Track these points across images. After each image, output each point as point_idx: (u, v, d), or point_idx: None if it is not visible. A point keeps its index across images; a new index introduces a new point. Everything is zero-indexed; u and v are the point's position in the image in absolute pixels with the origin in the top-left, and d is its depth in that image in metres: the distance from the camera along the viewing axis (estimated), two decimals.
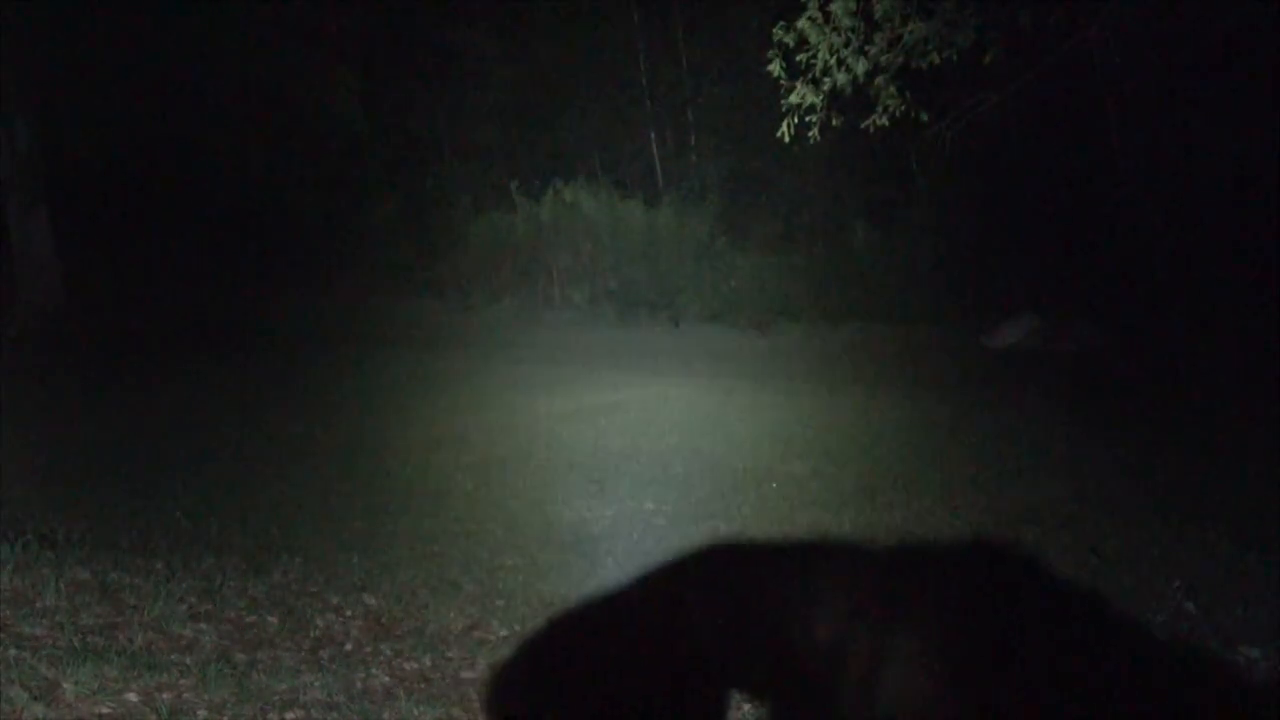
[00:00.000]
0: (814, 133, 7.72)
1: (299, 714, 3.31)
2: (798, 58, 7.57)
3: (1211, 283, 12.23)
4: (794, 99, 7.62)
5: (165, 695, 3.27)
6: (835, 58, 7.43)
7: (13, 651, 3.36)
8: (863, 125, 7.88)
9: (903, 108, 7.70)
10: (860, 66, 7.42)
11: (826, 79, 7.48)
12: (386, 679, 3.69)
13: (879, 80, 7.57)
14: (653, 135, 19.20)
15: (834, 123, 7.74)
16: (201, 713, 3.21)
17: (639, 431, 8.50)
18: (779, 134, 7.83)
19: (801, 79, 7.57)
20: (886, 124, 7.81)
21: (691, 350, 13.46)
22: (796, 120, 7.69)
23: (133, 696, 3.22)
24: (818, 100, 7.56)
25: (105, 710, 3.11)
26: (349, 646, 4.01)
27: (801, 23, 7.41)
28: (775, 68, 7.64)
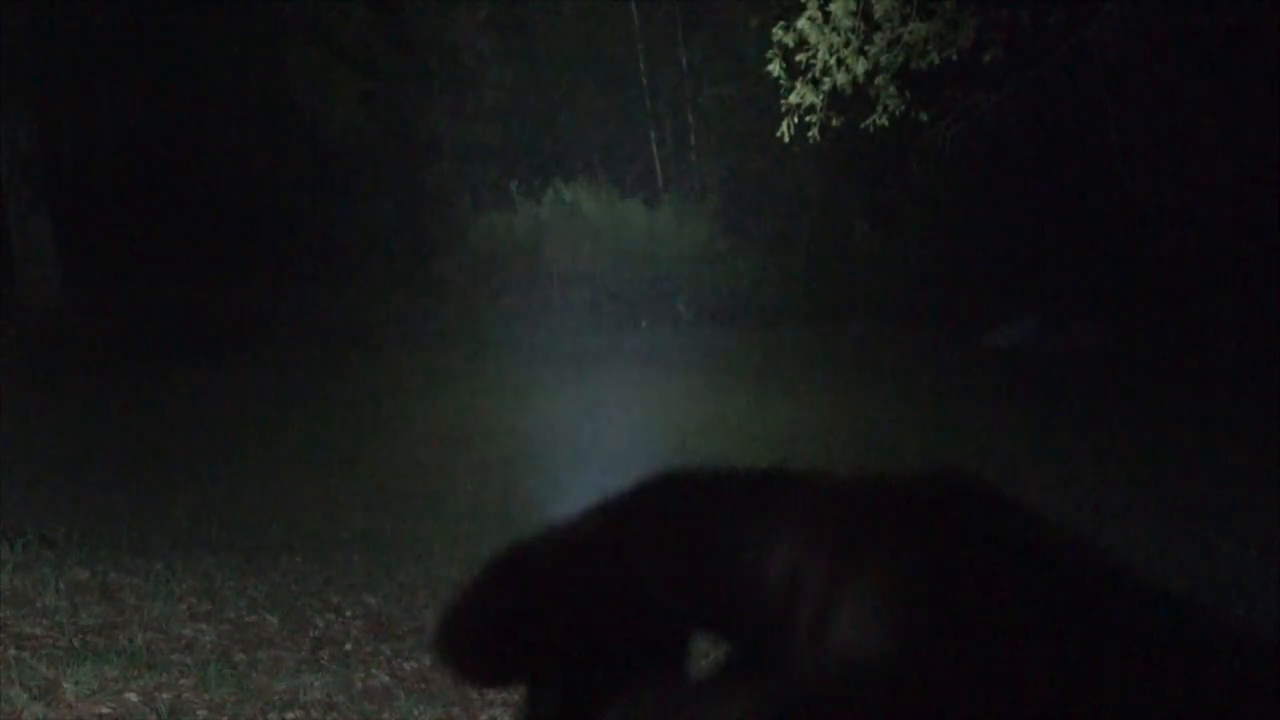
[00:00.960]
0: (814, 133, 7.71)
1: (299, 714, 3.31)
2: (798, 58, 7.56)
3: (1212, 282, 12.23)
4: (794, 99, 7.62)
5: (165, 695, 3.27)
6: (835, 58, 7.42)
7: (13, 651, 3.36)
8: (863, 125, 7.88)
9: (903, 108, 7.70)
10: (860, 66, 7.42)
11: (826, 79, 7.48)
12: (386, 679, 3.69)
13: (879, 80, 7.57)
14: (653, 135, 19.21)
15: (834, 123, 7.74)
16: (201, 713, 3.21)
17: (639, 431, 8.50)
18: (779, 134, 7.83)
19: (801, 79, 7.57)
20: (886, 124, 7.81)
21: (691, 350, 13.45)
22: (796, 120, 7.69)
23: (133, 696, 3.22)
24: (818, 100, 7.56)
25: (105, 710, 3.11)
26: (349, 646, 4.01)
27: (801, 23, 7.40)
28: (775, 68, 7.64)
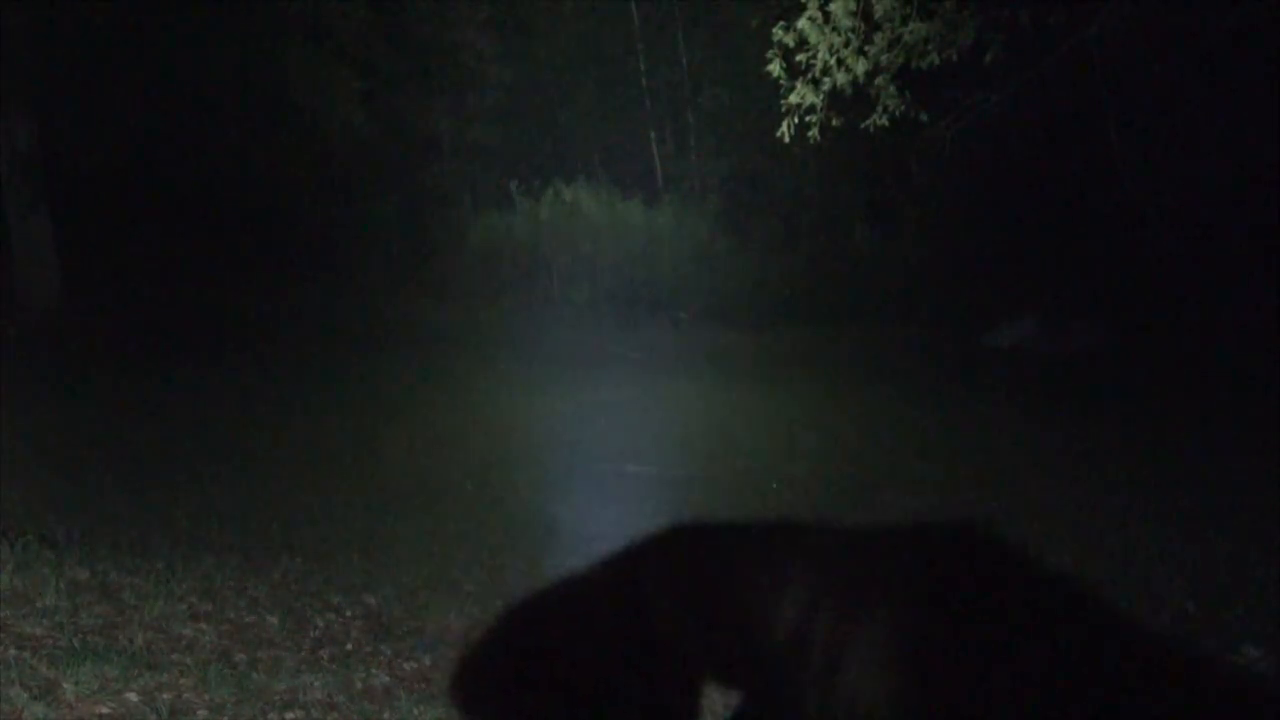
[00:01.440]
0: (814, 133, 7.70)
1: (299, 714, 3.31)
2: (798, 58, 7.56)
3: (1211, 282, 12.23)
4: (794, 99, 7.61)
5: (165, 695, 3.27)
6: (835, 58, 7.42)
7: (13, 651, 3.36)
8: (863, 125, 7.88)
9: (903, 108, 7.69)
10: (860, 66, 7.42)
11: (826, 79, 7.47)
12: (386, 679, 3.69)
13: (879, 80, 7.57)
14: (653, 135, 19.20)
15: (834, 123, 7.73)
16: (201, 713, 3.21)
17: (639, 431, 8.50)
18: (779, 134, 7.82)
19: (801, 79, 7.56)
20: (886, 124, 7.80)
21: (691, 350, 13.45)
22: (796, 120, 7.69)
23: (133, 696, 3.22)
24: (818, 100, 7.55)
25: (105, 710, 3.11)
26: (349, 646, 4.01)
27: (801, 23, 7.39)
28: (775, 68, 7.63)
